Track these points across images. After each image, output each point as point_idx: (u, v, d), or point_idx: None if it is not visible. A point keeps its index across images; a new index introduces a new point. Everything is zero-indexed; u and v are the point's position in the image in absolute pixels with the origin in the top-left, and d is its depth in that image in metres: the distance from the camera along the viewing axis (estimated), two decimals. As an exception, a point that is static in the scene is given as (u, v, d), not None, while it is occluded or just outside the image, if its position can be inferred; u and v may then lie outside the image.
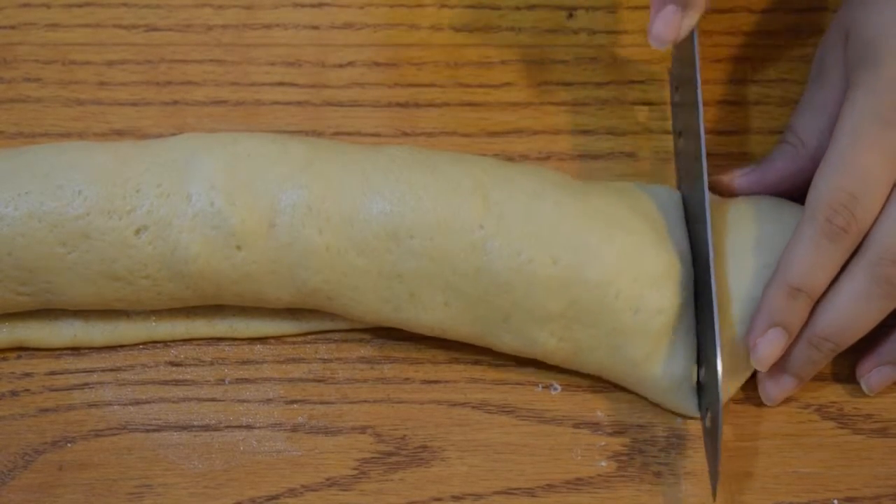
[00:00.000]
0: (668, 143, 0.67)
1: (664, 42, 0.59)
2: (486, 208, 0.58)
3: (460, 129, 0.68)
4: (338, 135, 0.68)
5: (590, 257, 0.58)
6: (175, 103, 0.69)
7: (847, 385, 0.61)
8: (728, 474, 0.59)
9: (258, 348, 0.63)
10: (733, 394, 0.60)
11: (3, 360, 0.62)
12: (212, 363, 0.62)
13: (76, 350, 0.62)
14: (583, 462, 0.60)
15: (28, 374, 0.62)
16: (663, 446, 0.60)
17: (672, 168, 0.67)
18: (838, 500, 0.59)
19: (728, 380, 0.59)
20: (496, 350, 0.61)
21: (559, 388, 0.62)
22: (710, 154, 0.60)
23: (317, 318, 0.62)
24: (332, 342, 0.63)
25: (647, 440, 0.60)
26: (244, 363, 0.62)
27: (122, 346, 0.62)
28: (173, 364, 0.62)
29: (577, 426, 0.61)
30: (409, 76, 0.70)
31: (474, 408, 0.61)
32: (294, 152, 0.59)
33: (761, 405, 0.61)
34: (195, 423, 0.60)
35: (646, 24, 0.60)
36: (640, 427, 0.61)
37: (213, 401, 0.61)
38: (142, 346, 0.62)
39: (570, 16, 0.71)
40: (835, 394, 0.61)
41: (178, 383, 0.61)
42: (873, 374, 0.60)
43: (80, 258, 0.58)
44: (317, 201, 0.58)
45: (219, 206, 0.58)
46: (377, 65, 0.70)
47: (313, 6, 0.72)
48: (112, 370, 0.62)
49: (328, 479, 0.59)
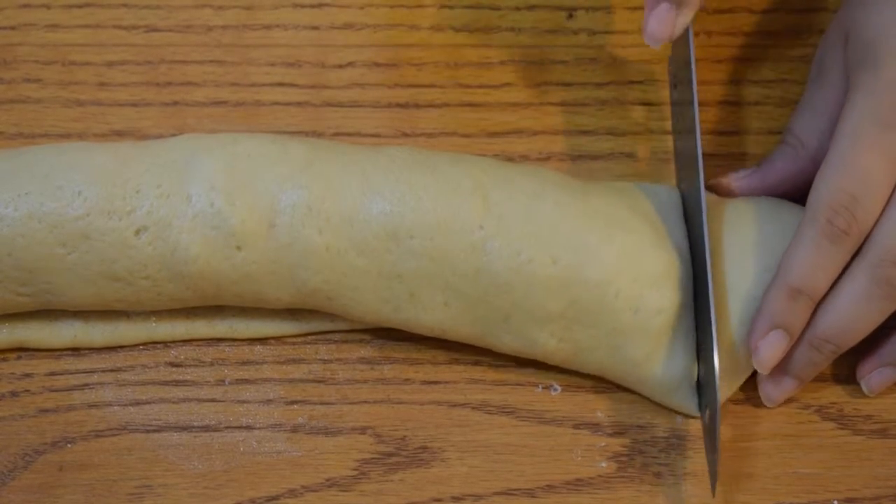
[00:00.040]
0: (668, 143, 0.67)
1: (658, 40, 0.59)
2: (485, 209, 0.58)
3: (460, 129, 0.68)
4: (338, 135, 0.68)
5: (589, 257, 0.58)
6: (175, 104, 0.69)
7: (847, 386, 0.61)
8: (728, 475, 0.59)
9: (258, 349, 0.62)
10: (733, 392, 0.60)
11: (3, 360, 0.62)
12: (212, 364, 0.62)
13: (76, 350, 0.62)
14: (583, 463, 0.60)
15: (28, 375, 0.61)
16: (663, 447, 0.60)
17: (672, 168, 0.67)
18: (838, 500, 0.59)
19: (728, 378, 0.59)
20: (496, 350, 0.61)
21: (559, 388, 0.62)
22: (709, 154, 0.61)
23: (317, 319, 0.62)
24: (332, 343, 0.63)
25: (647, 441, 0.60)
26: (244, 364, 0.62)
27: (122, 347, 0.62)
28: (173, 365, 0.62)
29: (577, 427, 0.61)
30: (409, 77, 0.70)
31: (474, 408, 0.61)
32: (294, 153, 0.59)
33: (761, 406, 0.61)
34: (195, 424, 0.60)
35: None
36: (640, 427, 0.61)
37: (213, 401, 0.61)
38: (142, 347, 0.62)
39: (570, 16, 0.71)
40: (835, 394, 0.61)
41: (178, 384, 0.61)
42: (874, 375, 0.60)
43: (79, 259, 0.58)
44: (317, 202, 0.58)
45: (219, 207, 0.58)
46: (377, 65, 0.70)
47: (313, 6, 0.72)
48: (112, 371, 0.62)
49: (328, 480, 0.59)
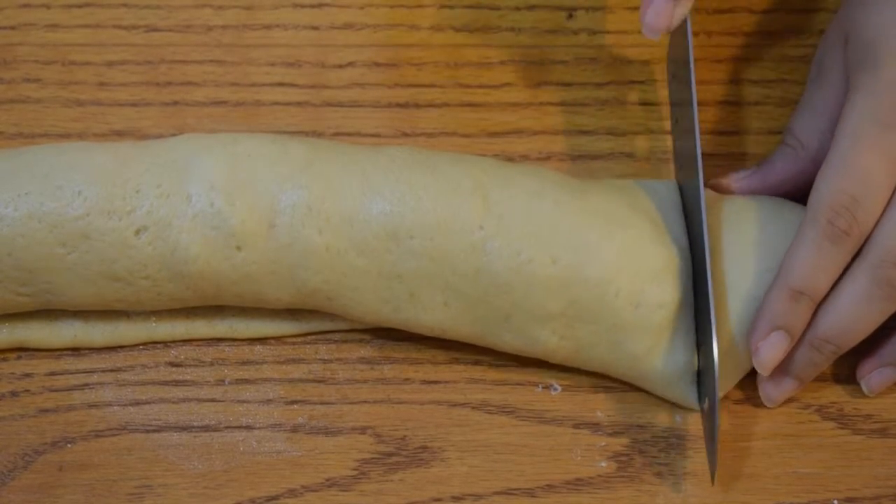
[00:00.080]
0: (668, 142, 0.67)
1: (657, 31, 0.59)
2: (485, 208, 0.58)
3: (460, 129, 0.68)
4: (338, 135, 0.68)
5: (589, 256, 0.58)
6: (175, 104, 0.69)
7: (847, 386, 0.61)
8: (728, 474, 0.59)
9: (258, 349, 0.62)
10: (733, 385, 0.60)
11: (3, 360, 0.62)
12: (212, 364, 0.62)
13: (76, 350, 0.62)
14: (583, 462, 0.60)
15: (28, 375, 0.61)
16: (663, 446, 0.60)
17: (671, 168, 0.67)
18: (838, 500, 0.59)
19: (727, 371, 0.58)
20: (497, 350, 0.61)
21: (559, 388, 0.62)
22: (709, 154, 0.60)
23: (317, 319, 0.62)
24: (332, 343, 0.63)
25: (647, 440, 0.60)
26: (244, 364, 0.62)
27: (122, 347, 0.62)
28: (173, 364, 0.62)
29: (577, 426, 0.61)
30: (409, 76, 0.70)
31: (474, 408, 0.61)
32: (294, 153, 0.59)
33: (761, 405, 0.61)
34: (195, 424, 0.60)
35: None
36: (640, 427, 0.61)
37: (212, 401, 0.61)
38: (142, 347, 0.62)
39: (570, 16, 0.71)
40: (835, 394, 0.61)
41: (178, 384, 0.61)
42: (874, 375, 0.60)
43: (79, 259, 0.58)
44: (317, 202, 0.58)
45: (219, 207, 0.58)
46: (377, 65, 0.70)
47: (313, 6, 0.72)
48: (112, 371, 0.62)
49: (328, 480, 0.59)
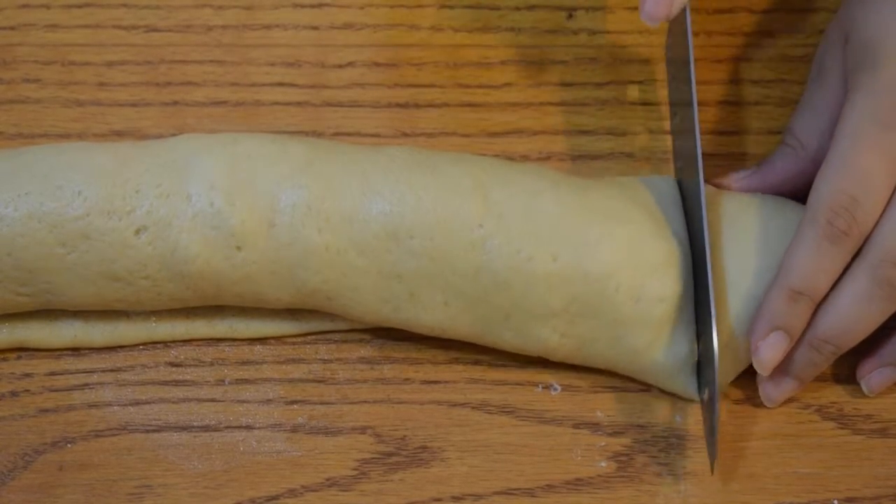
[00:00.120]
0: (668, 142, 0.67)
1: (655, 20, 0.58)
2: (485, 208, 0.58)
3: (460, 129, 0.68)
4: (338, 135, 0.68)
5: (589, 252, 0.58)
6: (175, 104, 0.69)
7: (847, 385, 0.61)
8: (728, 474, 0.59)
9: (258, 349, 0.62)
10: (732, 378, 0.60)
11: (3, 360, 0.62)
12: (212, 364, 0.62)
13: (76, 350, 0.62)
14: (583, 462, 0.60)
15: (28, 375, 0.61)
16: (663, 446, 0.60)
17: (671, 168, 0.67)
18: (838, 500, 0.59)
19: (727, 363, 0.58)
20: (497, 349, 0.61)
21: (559, 388, 0.62)
22: (709, 154, 0.60)
23: (317, 319, 0.62)
24: (332, 342, 0.63)
25: (647, 440, 0.60)
26: (244, 364, 0.62)
27: (122, 347, 0.62)
28: (173, 364, 0.62)
29: (576, 426, 0.61)
30: (409, 76, 0.70)
31: (474, 408, 0.61)
32: (294, 152, 0.59)
33: (761, 405, 0.61)
34: (195, 424, 0.60)
35: (645, 24, 0.60)
36: (640, 427, 0.61)
37: (212, 401, 0.61)
38: (142, 347, 0.62)
39: (570, 16, 0.71)
40: (835, 394, 0.61)
41: (177, 384, 0.61)
42: (874, 375, 0.60)
43: (79, 259, 0.58)
44: (316, 201, 0.58)
45: (218, 207, 0.58)
46: (377, 65, 0.70)
47: (313, 6, 0.72)
48: (112, 371, 0.62)
49: (328, 480, 0.59)
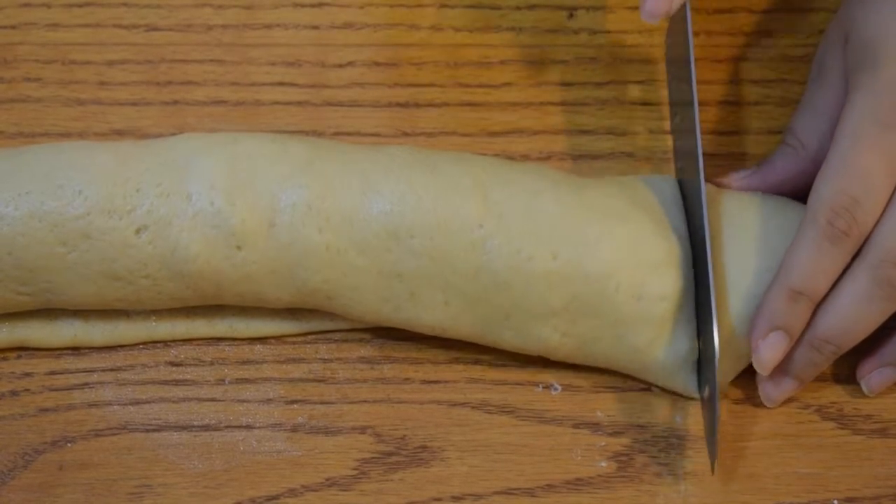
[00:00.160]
0: (668, 143, 0.67)
1: (655, 16, 0.58)
2: (485, 207, 0.58)
3: (460, 129, 0.68)
4: (338, 135, 0.68)
5: (589, 251, 0.58)
6: (175, 103, 0.69)
7: (847, 385, 0.61)
8: (728, 474, 0.59)
9: (258, 348, 0.62)
10: (733, 377, 0.60)
11: (3, 360, 0.62)
12: (212, 363, 0.62)
13: (76, 350, 0.62)
14: (583, 462, 0.60)
15: (28, 374, 0.61)
16: (663, 446, 0.60)
17: (672, 168, 0.67)
18: (838, 500, 0.59)
19: (727, 360, 0.58)
20: (498, 348, 0.61)
21: (559, 388, 0.62)
22: (710, 154, 0.60)
23: (317, 318, 0.62)
24: (333, 342, 0.63)
25: (647, 440, 0.60)
26: (244, 363, 0.62)
27: (122, 346, 0.62)
28: (173, 364, 0.62)
29: (576, 426, 0.61)
30: (409, 76, 0.70)
31: (474, 408, 0.61)
32: (294, 152, 0.59)
33: (761, 405, 0.61)
34: (195, 423, 0.60)
35: (646, 24, 0.60)
36: (640, 427, 0.61)
37: (213, 401, 0.61)
38: (142, 346, 0.62)
39: (570, 16, 0.71)
40: (835, 394, 0.61)
41: (178, 383, 0.61)
42: (874, 375, 0.60)
43: (80, 258, 0.58)
44: (317, 201, 0.58)
45: (219, 206, 0.58)
46: (377, 65, 0.70)
47: (313, 6, 0.72)
48: (112, 370, 0.62)
49: (328, 479, 0.59)
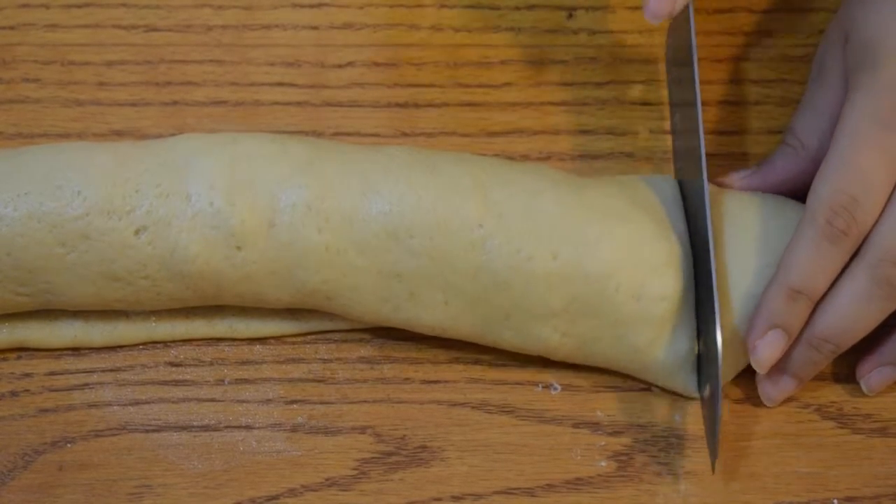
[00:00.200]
0: (668, 143, 0.67)
1: (659, 17, 0.57)
2: (485, 207, 0.58)
3: (460, 129, 0.68)
4: (337, 135, 0.68)
5: (589, 251, 0.58)
6: (174, 104, 0.69)
7: (847, 385, 0.61)
8: (728, 473, 0.59)
9: (258, 348, 0.62)
10: (733, 376, 0.60)
11: (3, 360, 0.62)
12: (211, 363, 0.62)
13: (76, 350, 0.62)
14: (583, 462, 0.60)
15: (28, 375, 0.61)
16: (663, 446, 0.60)
17: (672, 168, 0.66)
18: (838, 499, 0.59)
19: (728, 360, 0.58)
20: (498, 348, 0.61)
21: (559, 388, 0.62)
22: (710, 154, 0.60)
23: (317, 319, 0.62)
24: (332, 342, 0.63)
25: (647, 440, 0.60)
26: (244, 363, 0.62)
27: (121, 347, 0.62)
28: (173, 364, 0.62)
29: (576, 426, 0.61)
30: (408, 76, 0.70)
31: (474, 408, 0.61)
32: (293, 152, 0.59)
33: (761, 405, 0.61)
34: (195, 424, 0.60)
35: (646, 24, 0.60)
36: (640, 427, 0.61)
37: (212, 401, 0.61)
38: (141, 347, 0.62)
39: (570, 16, 0.71)
40: (834, 393, 0.61)
41: (177, 383, 0.61)
42: (873, 374, 0.60)
43: (79, 258, 0.58)
44: (316, 201, 0.58)
45: (218, 207, 0.58)
46: (377, 65, 0.70)
47: (313, 6, 0.72)
48: (112, 370, 0.62)
49: (328, 479, 0.59)
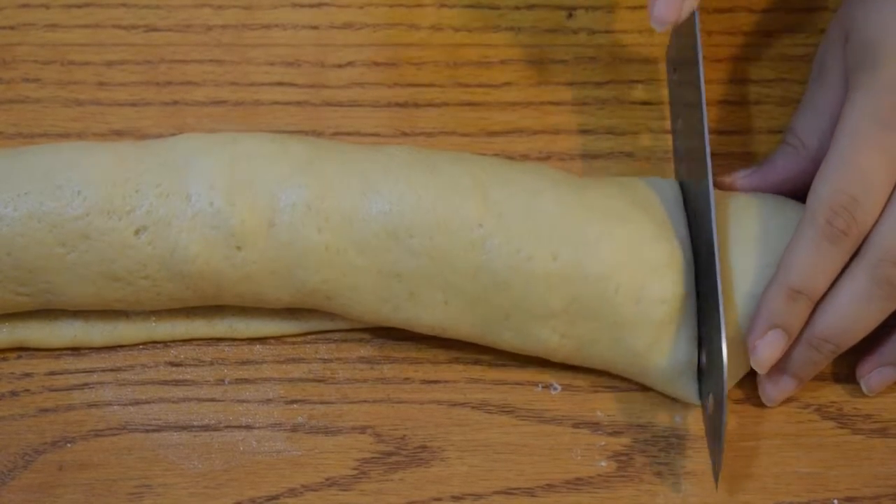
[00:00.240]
0: (668, 143, 0.67)
1: (666, 23, 0.57)
2: (485, 207, 0.58)
3: (460, 129, 0.68)
4: (337, 135, 0.68)
5: (589, 252, 0.57)
6: (174, 103, 0.69)
7: (847, 385, 0.61)
8: (728, 474, 0.59)
9: (258, 348, 0.62)
10: (734, 384, 0.60)
11: (3, 360, 0.62)
12: (211, 363, 0.62)
13: (76, 350, 0.62)
14: (583, 462, 0.60)
15: (28, 374, 0.62)
16: (663, 446, 0.60)
17: (672, 168, 0.66)
18: (838, 499, 0.59)
19: (731, 369, 0.58)
20: (497, 349, 0.61)
21: (559, 388, 0.62)
22: (710, 153, 0.60)
23: (317, 318, 0.62)
24: (332, 342, 0.63)
25: (647, 440, 0.60)
26: (244, 363, 0.62)
27: (121, 347, 0.62)
28: (173, 364, 0.62)
29: (576, 426, 0.61)
30: (408, 76, 0.70)
31: (474, 408, 0.61)
32: (293, 152, 0.59)
33: (761, 405, 0.61)
34: (195, 423, 0.60)
35: (646, 23, 0.60)
36: (640, 427, 0.61)
37: (212, 401, 0.61)
38: (142, 347, 0.62)
39: (570, 15, 0.71)
40: (835, 394, 0.61)
41: (177, 383, 0.61)
42: (873, 374, 0.60)
43: (79, 258, 0.58)
44: (316, 201, 0.58)
45: (218, 206, 0.58)
46: (377, 65, 0.70)
47: (312, 6, 0.72)
48: (112, 370, 0.62)
49: (328, 479, 0.59)
